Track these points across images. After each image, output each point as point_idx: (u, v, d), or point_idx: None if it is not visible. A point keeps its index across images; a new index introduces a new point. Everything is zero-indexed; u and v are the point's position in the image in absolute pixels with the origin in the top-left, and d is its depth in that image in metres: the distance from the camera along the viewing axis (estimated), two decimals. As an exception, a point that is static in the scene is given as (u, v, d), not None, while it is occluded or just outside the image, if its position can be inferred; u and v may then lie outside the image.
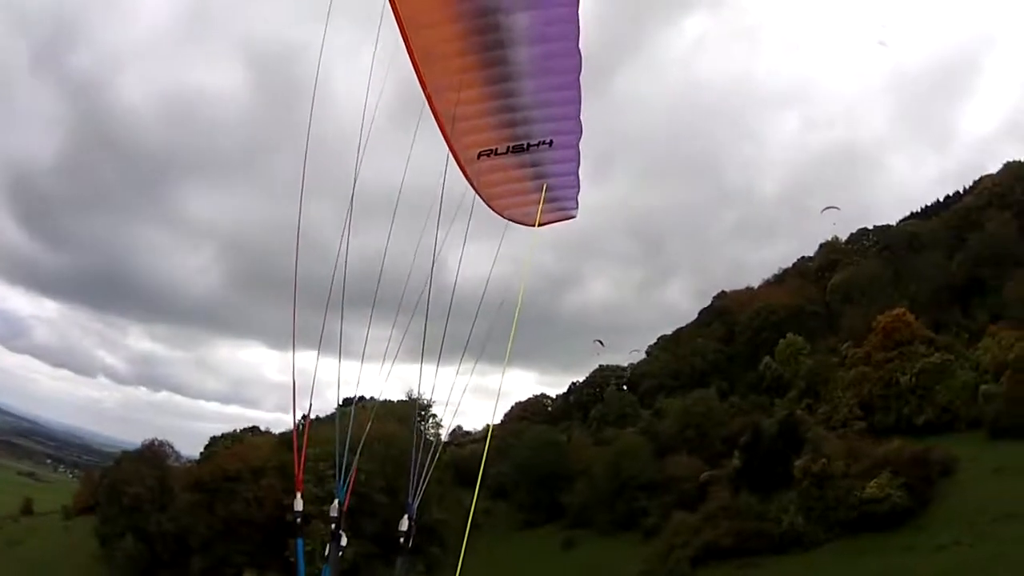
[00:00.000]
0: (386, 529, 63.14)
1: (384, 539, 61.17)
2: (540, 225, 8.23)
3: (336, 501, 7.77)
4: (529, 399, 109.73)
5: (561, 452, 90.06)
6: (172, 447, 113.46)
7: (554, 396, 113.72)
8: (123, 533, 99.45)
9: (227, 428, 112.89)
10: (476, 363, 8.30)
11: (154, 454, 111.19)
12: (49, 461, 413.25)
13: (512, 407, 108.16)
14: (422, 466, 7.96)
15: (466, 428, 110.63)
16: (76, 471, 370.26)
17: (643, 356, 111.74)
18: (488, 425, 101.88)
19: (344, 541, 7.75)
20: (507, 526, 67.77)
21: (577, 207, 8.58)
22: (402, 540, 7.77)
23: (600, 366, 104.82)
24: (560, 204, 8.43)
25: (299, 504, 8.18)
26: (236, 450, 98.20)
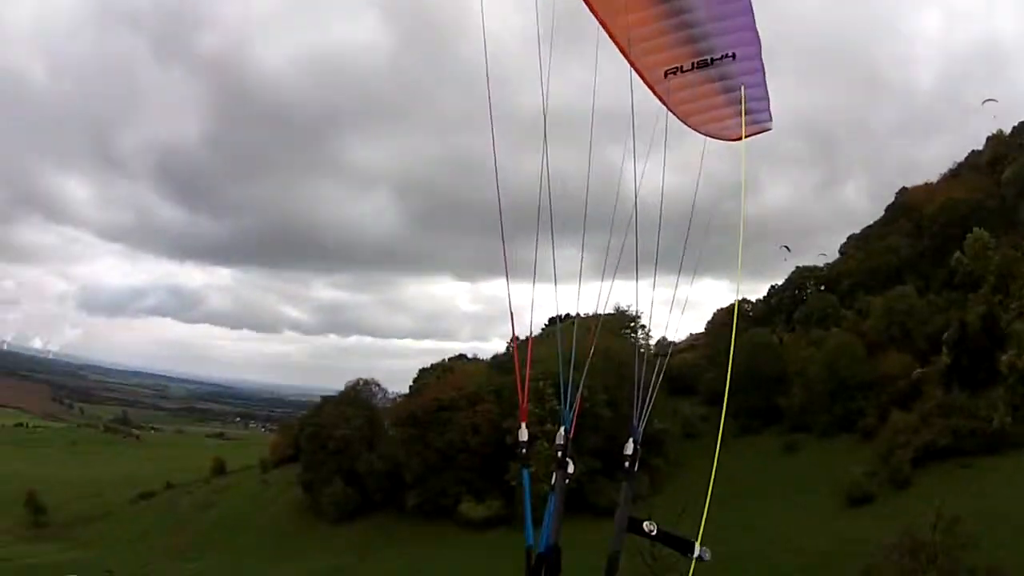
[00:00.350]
0: (609, 444, 62.00)
1: (607, 454, 61.68)
2: (739, 140, 8.08)
3: (562, 428, 7.54)
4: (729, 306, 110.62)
5: (776, 355, 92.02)
6: (379, 385, 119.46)
7: (754, 300, 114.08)
8: (329, 478, 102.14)
9: (421, 364, 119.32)
10: (678, 275, 8.55)
11: (358, 394, 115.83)
12: (239, 419, 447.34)
13: (715, 313, 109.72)
14: (647, 386, 7.84)
15: (670, 339, 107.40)
16: (269, 424, 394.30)
17: (835, 256, 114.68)
18: (690, 334, 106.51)
19: (571, 468, 7.43)
20: (726, 433, 62.76)
21: (771, 119, 8.32)
22: (627, 464, 7.37)
23: (797, 267, 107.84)
24: (754, 117, 8.14)
25: (524, 434, 7.91)
26: (448, 379, 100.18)
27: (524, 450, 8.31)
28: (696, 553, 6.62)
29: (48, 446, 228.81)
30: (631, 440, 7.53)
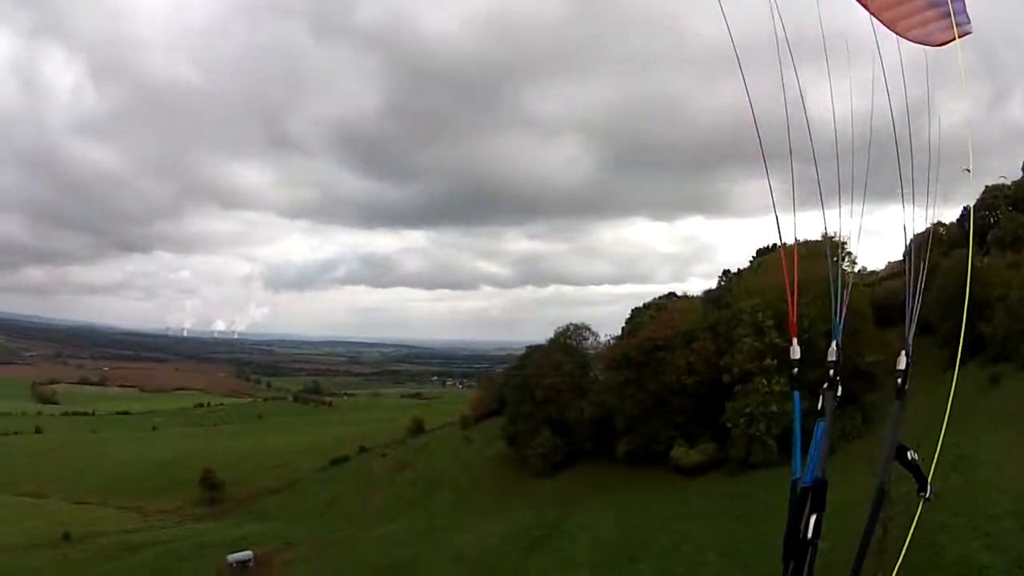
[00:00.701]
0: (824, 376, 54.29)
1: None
2: (943, 45, 8.93)
3: (833, 343, 8.37)
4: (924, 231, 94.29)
5: (980, 279, 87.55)
6: (590, 329, 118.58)
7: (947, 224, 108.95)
8: (536, 428, 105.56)
9: (622, 310, 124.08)
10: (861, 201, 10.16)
11: (567, 340, 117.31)
12: (435, 379, 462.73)
13: (912, 238, 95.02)
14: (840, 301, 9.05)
15: (870, 268, 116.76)
16: (467, 381, 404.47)
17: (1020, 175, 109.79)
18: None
19: (839, 391, 8.17)
20: (936, 363, 61.18)
21: (969, 21, 8.98)
22: (899, 382, 8.13)
23: (986, 187, 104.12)
24: (957, 19, 8.74)
25: (796, 351, 8.87)
26: (662, 318, 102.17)
27: (796, 369, 9.36)
28: (928, 493, 7.60)
29: (231, 423, 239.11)
30: (902, 354, 8.40)
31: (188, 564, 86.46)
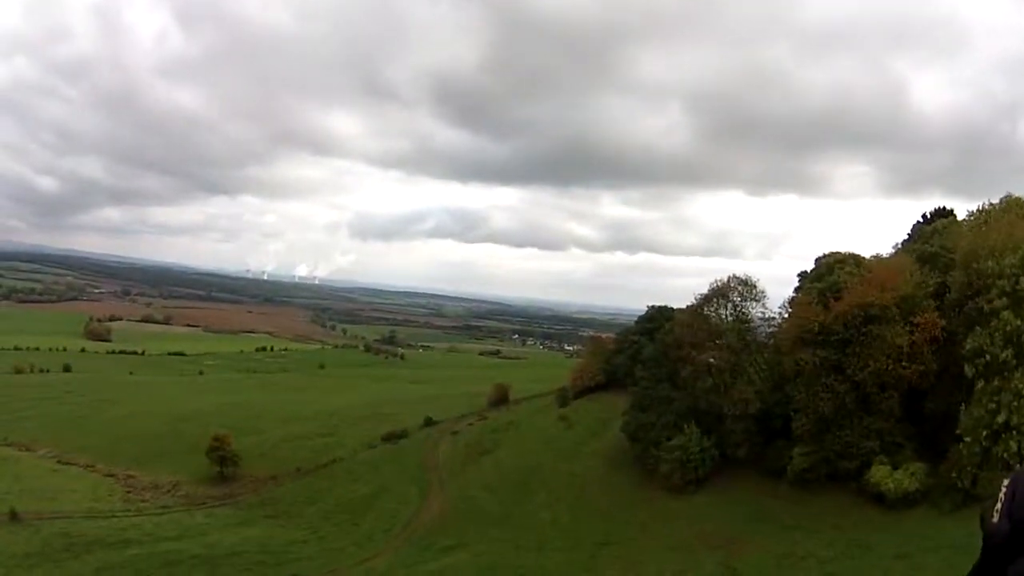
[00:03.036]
0: None
1: None
2: None
3: None
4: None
5: None
6: (754, 286, 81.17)
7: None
8: (676, 423, 75.56)
9: (705, 281, 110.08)
10: None
11: (729, 302, 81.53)
12: (516, 336, 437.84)
13: None
14: None
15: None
16: (548, 341, 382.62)
17: None
18: None
19: None
20: None
21: None
22: None
23: None
24: None
25: None
26: (871, 278, 68.52)
27: None
28: None
29: (288, 371, 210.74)
30: None
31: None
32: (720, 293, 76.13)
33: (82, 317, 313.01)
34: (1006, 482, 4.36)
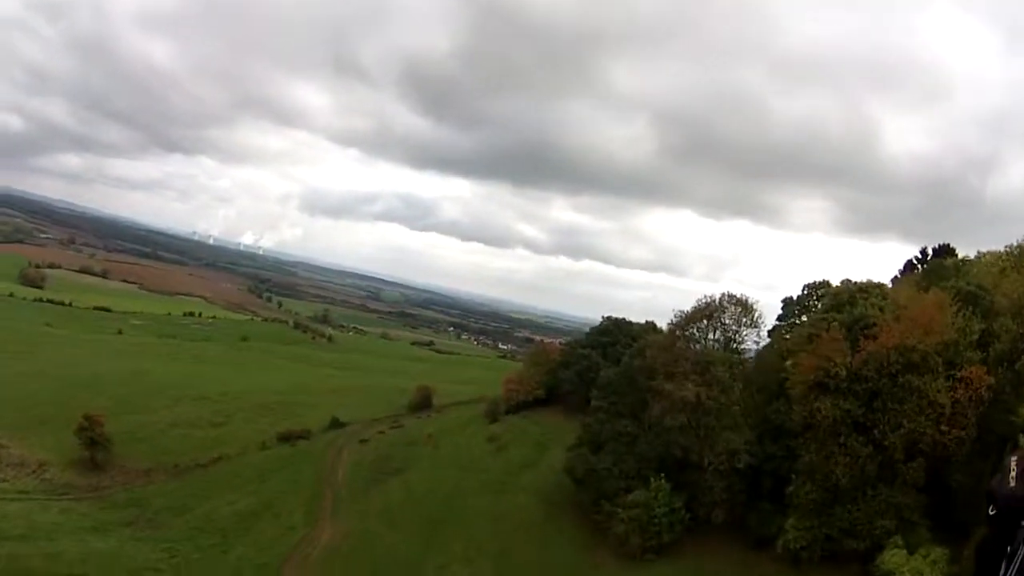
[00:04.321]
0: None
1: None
2: None
3: None
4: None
5: None
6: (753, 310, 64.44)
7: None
8: (639, 473, 56.83)
9: (649, 296, 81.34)
10: None
11: (721, 325, 63.63)
12: (452, 329, 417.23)
13: None
14: None
15: None
16: (482, 339, 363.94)
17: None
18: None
19: None
20: None
21: None
22: None
23: None
24: None
25: None
26: (910, 315, 52.48)
27: None
28: None
29: (210, 340, 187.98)
30: None
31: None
32: (708, 313, 58.01)
33: (21, 260, 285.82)
34: (1015, 457, 4.07)
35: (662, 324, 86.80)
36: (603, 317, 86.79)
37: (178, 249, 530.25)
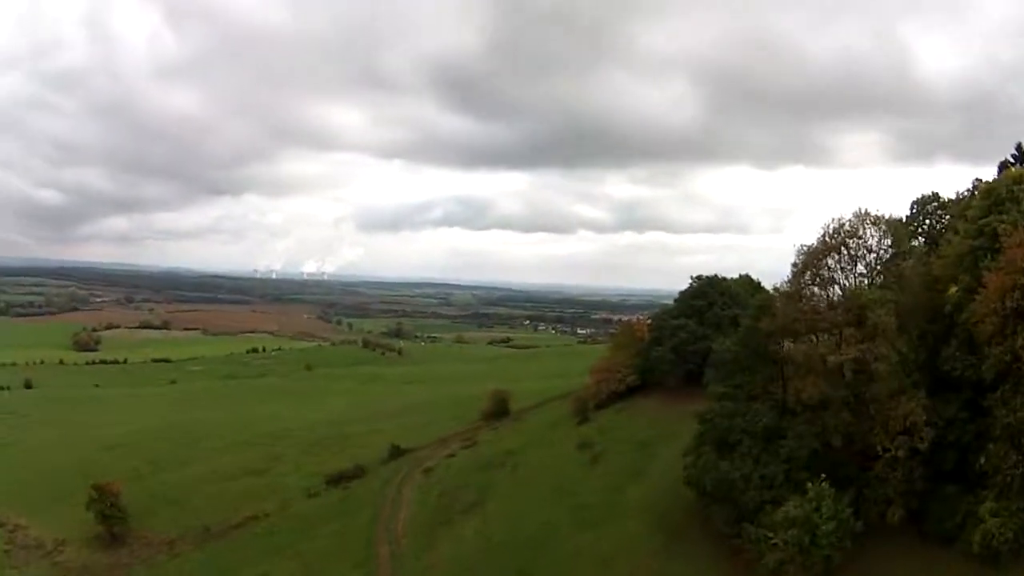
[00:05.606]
0: None
1: None
2: None
3: None
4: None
5: None
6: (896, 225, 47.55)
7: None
8: (782, 472, 40.63)
9: (715, 260, 58.89)
10: None
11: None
12: (528, 322, 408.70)
13: None
14: None
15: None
16: (559, 327, 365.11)
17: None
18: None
19: None
20: None
21: None
22: None
23: None
24: None
25: None
26: None
27: None
28: None
29: (272, 374, 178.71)
30: None
31: None
32: (842, 242, 41.68)
33: (75, 327, 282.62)
34: None
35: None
36: (692, 278, 71.30)
37: (240, 289, 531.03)
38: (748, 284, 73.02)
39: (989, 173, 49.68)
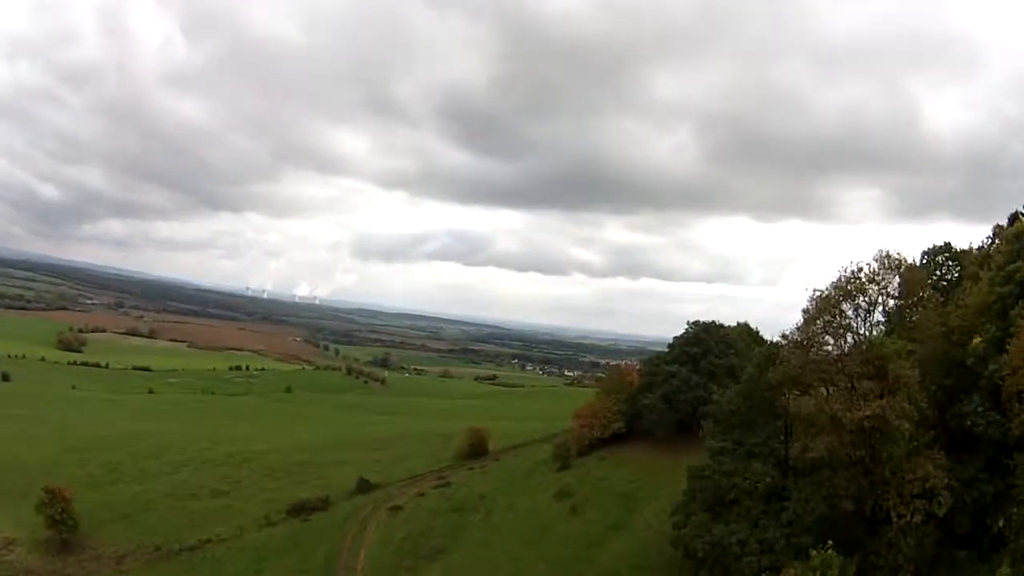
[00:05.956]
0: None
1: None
2: None
3: None
4: None
5: None
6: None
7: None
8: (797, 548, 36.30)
9: (709, 308, 51.98)
10: None
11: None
12: (515, 361, 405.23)
13: None
14: None
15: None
16: (547, 367, 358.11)
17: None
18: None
19: None
20: None
21: None
22: None
23: None
24: None
25: None
26: None
27: None
28: None
29: (252, 393, 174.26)
30: None
31: None
32: (860, 288, 38.67)
33: (61, 326, 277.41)
34: None
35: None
36: (689, 323, 68.37)
37: (230, 306, 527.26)
38: (747, 333, 70.11)
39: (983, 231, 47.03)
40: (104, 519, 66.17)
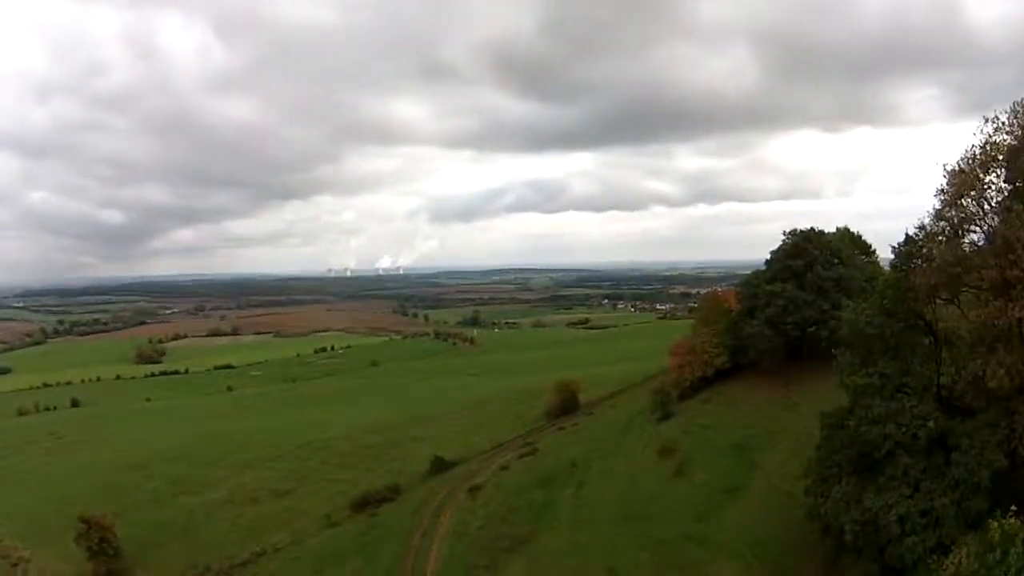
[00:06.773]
0: None
1: None
2: None
3: None
4: None
5: None
6: None
7: None
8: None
9: (789, 224, 65.43)
10: None
11: None
12: (606, 302, 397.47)
13: None
14: None
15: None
16: (638, 304, 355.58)
17: None
18: None
19: None
20: None
21: None
22: None
23: None
24: None
25: None
26: None
27: None
28: None
29: (339, 372, 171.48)
30: None
31: None
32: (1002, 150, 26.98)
33: (140, 341, 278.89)
34: None
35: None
36: (785, 233, 57.46)
37: (315, 290, 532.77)
38: (849, 239, 59.22)
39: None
40: (159, 541, 60.34)
